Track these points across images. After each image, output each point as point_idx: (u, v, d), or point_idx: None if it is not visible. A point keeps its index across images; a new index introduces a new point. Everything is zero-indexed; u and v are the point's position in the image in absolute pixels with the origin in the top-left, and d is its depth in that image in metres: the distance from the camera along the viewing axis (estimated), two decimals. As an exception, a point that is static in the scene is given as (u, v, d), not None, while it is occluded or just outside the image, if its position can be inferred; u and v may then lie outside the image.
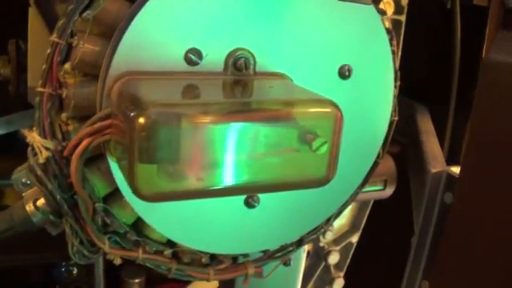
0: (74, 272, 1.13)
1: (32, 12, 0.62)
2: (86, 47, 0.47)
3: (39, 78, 0.48)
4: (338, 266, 0.85)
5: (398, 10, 0.73)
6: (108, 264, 1.01)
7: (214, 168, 0.41)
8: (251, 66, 0.48)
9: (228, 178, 0.41)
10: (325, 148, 0.42)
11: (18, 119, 0.79)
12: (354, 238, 0.84)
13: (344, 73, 0.52)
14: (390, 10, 0.67)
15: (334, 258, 0.82)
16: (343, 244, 0.83)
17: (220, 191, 0.42)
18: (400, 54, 0.67)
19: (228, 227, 0.53)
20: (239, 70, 0.47)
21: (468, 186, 0.64)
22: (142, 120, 0.37)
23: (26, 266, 1.08)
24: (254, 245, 0.56)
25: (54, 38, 0.47)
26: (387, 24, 0.55)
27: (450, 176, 0.73)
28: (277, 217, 0.55)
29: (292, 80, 0.50)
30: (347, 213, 0.82)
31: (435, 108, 0.87)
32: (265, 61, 0.49)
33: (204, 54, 0.46)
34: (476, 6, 0.86)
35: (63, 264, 1.12)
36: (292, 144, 0.42)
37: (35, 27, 0.62)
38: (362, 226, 0.83)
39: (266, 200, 0.53)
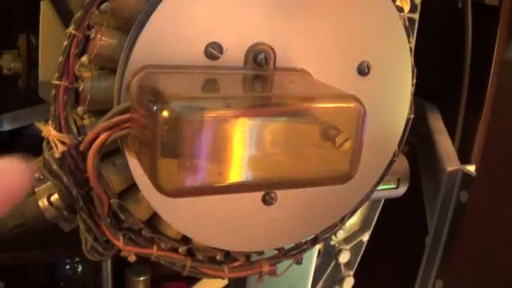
0: (79, 270, 1.12)
1: (44, 5, 0.61)
2: (103, 40, 0.46)
3: (51, 72, 0.48)
4: (348, 264, 0.84)
5: (413, 8, 0.72)
6: (113, 262, 1.01)
7: (235, 163, 0.40)
8: (271, 61, 0.47)
9: (249, 173, 0.41)
10: (348, 144, 0.41)
11: (25, 115, 0.78)
12: (365, 237, 0.83)
13: (363, 69, 0.52)
14: (406, 7, 0.66)
15: (344, 257, 0.82)
16: (354, 243, 0.82)
17: (241, 186, 0.41)
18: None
19: (244, 224, 0.53)
20: (259, 65, 0.47)
21: (484, 185, 0.63)
22: (165, 113, 0.36)
23: (30, 264, 1.08)
24: (269, 242, 0.56)
25: (71, 30, 0.46)
26: (403, 21, 0.55)
27: (465, 174, 0.72)
28: (293, 214, 0.54)
29: (312, 76, 0.49)
30: (358, 211, 0.82)
31: (445, 108, 0.87)
32: (285, 56, 0.48)
33: (224, 49, 0.46)
34: (487, 5, 0.86)
35: (68, 262, 1.12)
36: (314, 139, 0.42)
37: (47, 21, 0.61)
38: (373, 224, 0.83)
39: (283, 197, 0.52)
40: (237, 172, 0.40)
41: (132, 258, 0.53)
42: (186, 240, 0.54)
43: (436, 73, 0.91)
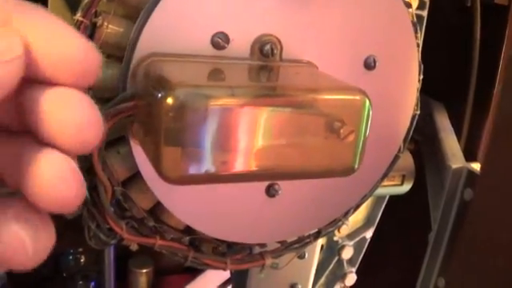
0: (82, 260, 1.12)
1: (52, -6, 0.61)
2: (110, 28, 0.46)
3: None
4: (350, 261, 0.84)
5: (421, 5, 0.72)
6: (116, 253, 1.01)
7: (239, 152, 0.40)
8: (277, 53, 0.47)
9: (253, 163, 0.41)
10: (352, 136, 0.41)
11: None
12: (368, 234, 0.83)
13: (370, 63, 0.52)
14: (414, 3, 0.66)
15: (347, 253, 0.81)
16: (357, 239, 0.82)
17: (244, 176, 0.41)
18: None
19: (247, 216, 0.53)
20: (265, 56, 0.47)
21: (489, 183, 0.63)
22: (170, 100, 0.36)
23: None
24: (272, 235, 0.56)
25: (78, 16, 0.46)
26: (411, 17, 0.55)
27: (470, 172, 0.72)
28: (296, 207, 0.54)
29: (318, 68, 0.49)
30: (362, 208, 0.81)
31: (452, 106, 0.86)
32: (291, 48, 0.48)
33: (231, 39, 0.46)
34: (496, 4, 0.86)
35: (71, 252, 1.12)
36: (319, 131, 0.42)
37: (55, 7, 0.61)
38: (377, 221, 0.83)
39: (287, 190, 0.52)
40: (240, 161, 0.40)
41: (134, 247, 0.53)
42: (188, 231, 0.54)
43: (443, 71, 0.91)
